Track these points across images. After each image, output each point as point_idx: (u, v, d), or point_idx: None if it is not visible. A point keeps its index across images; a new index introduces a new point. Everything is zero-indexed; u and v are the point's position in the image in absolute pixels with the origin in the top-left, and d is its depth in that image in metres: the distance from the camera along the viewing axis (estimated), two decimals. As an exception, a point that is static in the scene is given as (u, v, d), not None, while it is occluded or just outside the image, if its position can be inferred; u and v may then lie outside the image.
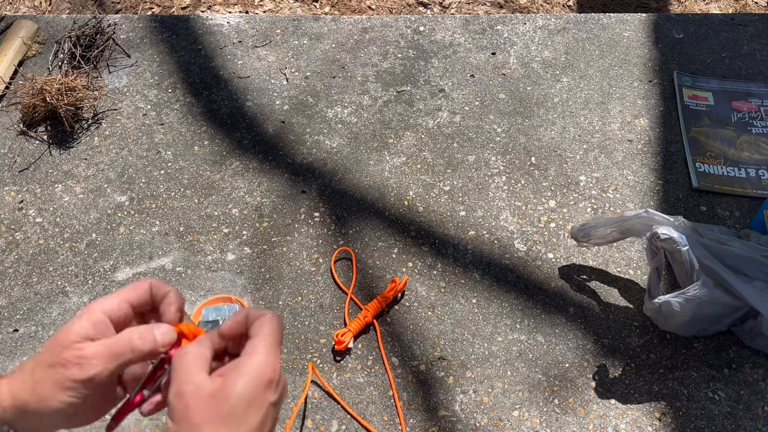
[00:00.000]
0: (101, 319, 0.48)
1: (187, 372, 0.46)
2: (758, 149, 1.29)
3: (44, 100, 1.33)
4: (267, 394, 0.45)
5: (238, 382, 0.44)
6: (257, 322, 0.48)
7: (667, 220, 1.03)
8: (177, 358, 0.47)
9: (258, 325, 0.48)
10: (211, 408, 0.44)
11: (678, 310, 0.96)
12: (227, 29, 1.54)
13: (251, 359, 0.46)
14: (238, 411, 0.44)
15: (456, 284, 1.14)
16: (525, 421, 0.99)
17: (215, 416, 0.43)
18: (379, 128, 1.35)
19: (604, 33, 1.52)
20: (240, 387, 0.44)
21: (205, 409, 0.44)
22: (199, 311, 1.08)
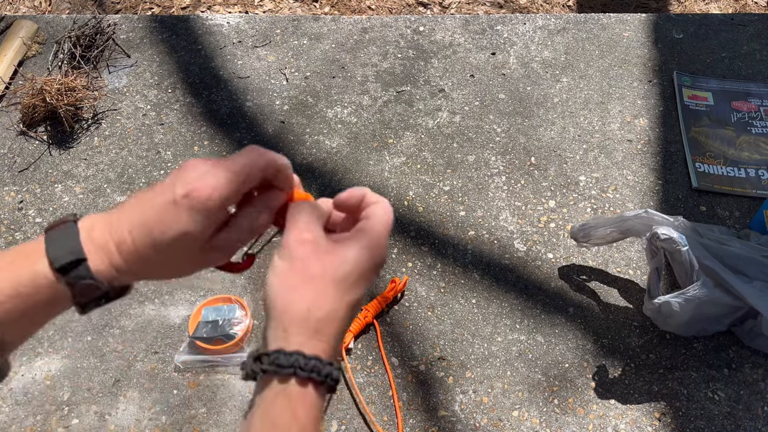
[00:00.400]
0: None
1: (307, 222, 0.46)
2: (758, 149, 1.29)
3: (44, 100, 1.33)
4: (374, 273, 0.46)
5: (357, 252, 0.45)
6: (373, 207, 0.48)
7: (667, 220, 1.03)
8: (296, 208, 0.48)
9: (373, 209, 0.48)
10: (328, 265, 0.44)
11: (678, 310, 0.96)
12: (227, 29, 1.54)
13: (368, 235, 0.46)
14: (351, 279, 0.45)
15: (456, 284, 1.14)
16: (525, 421, 0.99)
17: (330, 275, 0.44)
18: (379, 128, 1.35)
19: (604, 33, 1.52)
20: (356, 257, 0.45)
21: (323, 264, 0.44)
22: (199, 311, 1.08)
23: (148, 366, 1.06)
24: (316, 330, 0.44)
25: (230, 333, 1.05)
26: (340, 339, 0.46)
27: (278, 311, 0.45)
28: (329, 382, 0.44)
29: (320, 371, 0.43)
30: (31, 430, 1.00)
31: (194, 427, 0.99)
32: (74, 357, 1.07)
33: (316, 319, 0.44)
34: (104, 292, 0.44)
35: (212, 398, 1.02)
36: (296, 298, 0.44)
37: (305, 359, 0.43)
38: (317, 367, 0.43)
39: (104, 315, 1.11)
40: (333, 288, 0.44)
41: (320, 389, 0.44)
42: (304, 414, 0.43)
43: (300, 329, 0.44)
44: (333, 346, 0.45)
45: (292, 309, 0.44)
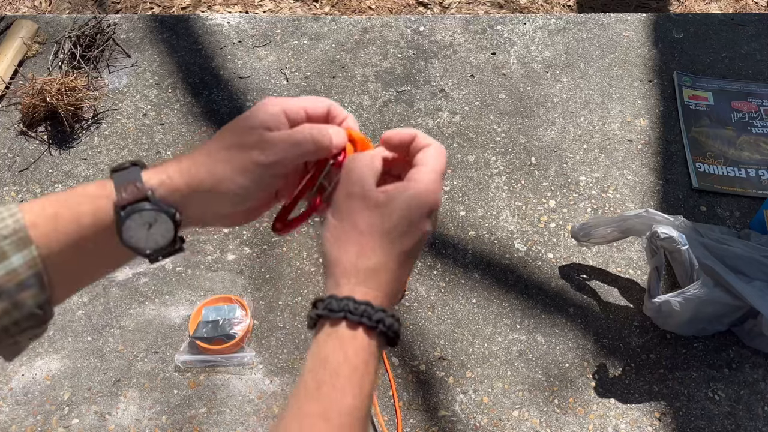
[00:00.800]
0: (278, 113, 0.48)
1: (359, 176, 0.47)
2: (758, 149, 1.29)
3: (44, 100, 1.33)
4: (426, 221, 0.47)
5: (404, 202, 0.46)
6: (424, 151, 0.49)
7: (667, 220, 1.03)
8: (350, 161, 0.48)
9: (423, 155, 0.49)
10: (376, 218, 0.46)
11: (678, 309, 0.97)
12: (227, 29, 1.54)
13: (417, 184, 0.47)
14: (399, 229, 0.46)
15: (456, 284, 1.14)
16: (525, 421, 0.99)
17: (377, 227, 0.46)
18: (379, 128, 1.35)
19: (604, 33, 1.52)
20: (404, 207, 0.46)
21: (370, 218, 0.46)
22: (199, 311, 1.08)
23: (148, 366, 1.06)
24: (366, 279, 0.45)
25: (230, 333, 1.05)
26: (394, 290, 0.47)
27: (330, 264, 0.46)
28: (382, 328, 0.44)
29: (371, 316, 0.44)
30: (32, 429, 1.00)
31: (194, 427, 0.99)
32: (74, 357, 1.07)
33: (365, 269, 0.45)
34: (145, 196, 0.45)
35: (212, 398, 1.02)
36: (345, 250, 0.45)
37: (355, 304, 0.44)
38: (367, 311, 0.44)
39: (105, 315, 1.11)
40: (380, 239, 0.45)
41: (372, 335, 0.44)
42: (354, 355, 0.43)
43: (350, 278, 0.45)
44: (387, 294, 0.46)
45: (342, 260, 0.46)
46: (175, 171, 0.46)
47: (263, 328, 1.09)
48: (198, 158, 0.47)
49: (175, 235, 0.46)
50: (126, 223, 0.44)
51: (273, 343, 1.07)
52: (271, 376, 1.04)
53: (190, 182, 0.46)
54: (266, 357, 1.06)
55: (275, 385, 1.03)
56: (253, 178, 0.46)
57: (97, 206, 0.45)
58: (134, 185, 0.45)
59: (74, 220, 0.44)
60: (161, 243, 0.46)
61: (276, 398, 1.02)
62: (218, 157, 0.46)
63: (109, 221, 0.45)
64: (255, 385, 1.03)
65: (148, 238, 0.45)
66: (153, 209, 0.45)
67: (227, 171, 0.46)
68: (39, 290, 0.44)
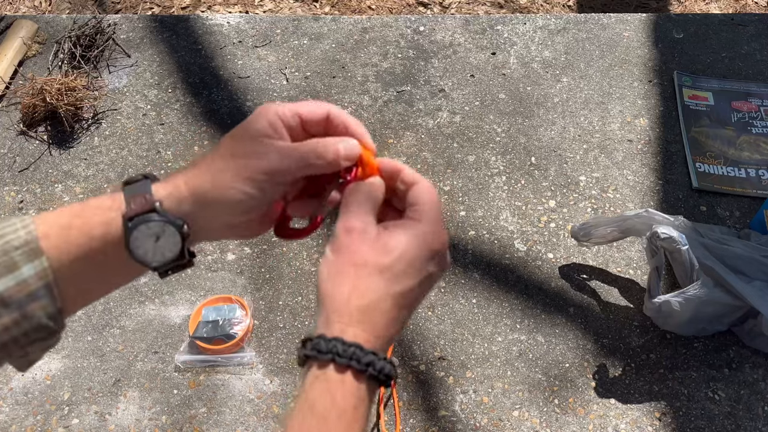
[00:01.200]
0: (275, 120, 0.47)
1: (359, 209, 0.46)
2: (758, 149, 1.29)
3: (44, 100, 1.33)
4: (428, 263, 0.45)
5: (404, 240, 0.45)
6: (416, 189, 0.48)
7: (667, 220, 1.03)
8: (350, 193, 0.47)
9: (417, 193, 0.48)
10: (373, 255, 0.44)
11: (678, 309, 0.97)
12: (227, 29, 1.54)
13: (418, 224, 0.46)
14: (398, 268, 0.44)
15: (456, 284, 1.14)
16: (525, 421, 0.99)
17: (373, 264, 0.44)
18: (379, 128, 1.35)
19: (604, 33, 1.52)
20: (404, 245, 0.45)
21: (367, 253, 0.44)
22: (199, 311, 1.08)
23: (148, 366, 1.06)
24: (359, 319, 0.43)
25: (230, 333, 1.05)
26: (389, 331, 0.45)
27: (323, 299, 0.45)
28: (372, 372, 0.43)
29: (360, 359, 0.42)
30: (32, 429, 1.00)
31: (194, 427, 0.99)
32: (74, 357, 1.07)
33: (357, 308, 0.44)
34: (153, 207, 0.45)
35: (212, 398, 1.02)
36: (338, 286, 0.44)
37: (344, 346, 0.42)
38: (356, 354, 0.42)
39: (105, 315, 1.11)
40: (377, 277, 0.44)
41: (362, 378, 0.43)
42: (342, 400, 0.42)
43: (342, 317, 0.44)
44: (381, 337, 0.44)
45: (335, 296, 0.44)
46: (181, 182, 0.46)
47: (263, 328, 1.09)
48: (201, 168, 0.46)
49: (182, 247, 0.46)
50: (133, 234, 0.44)
51: (273, 343, 1.07)
52: (271, 376, 1.04)
53: (195, 193, 0.46)
54: (266, 357, 1.06)
55: (275, 385, 1.03)
56: (256, 186, 0.46)
57: (108, 218, 0.45)
58: (143, 197, 0.45)
59: (86, 231, 0.44)
60: (168, 256, 0.46)
61: (276, 398, 1.02)
62: (221, 167, 0.46)
63: (118, 233, 0.45)
64: (255, 385, 1.03)
65: (155, 250, 0.45)
66: (160, 220, 0.45)
67: (230, 180, 0.45)
68: (49, 301, 0.44)
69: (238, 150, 0.46)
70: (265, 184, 0.46)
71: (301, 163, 0.47)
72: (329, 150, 0.47)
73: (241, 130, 0.47)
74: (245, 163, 0.45)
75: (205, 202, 0.46)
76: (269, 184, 0.46)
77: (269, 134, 0.47)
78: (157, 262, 0.46)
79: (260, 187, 0.46)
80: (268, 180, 0.46)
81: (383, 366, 0.43)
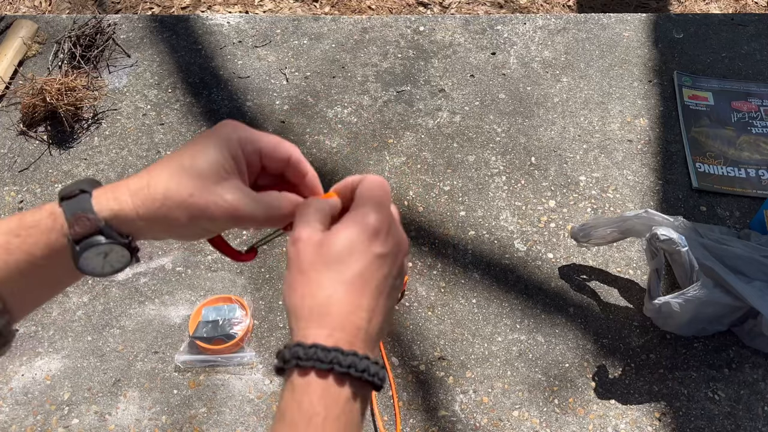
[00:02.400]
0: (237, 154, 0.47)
1: (304, 222, 0.47)
2: (758, 149, 1.29)
3: (44, 100, 1.33)
4: (372, 244, 0.45)
5: (342, 230, 0.45)
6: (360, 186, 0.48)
7: (667, 221, 1.03)
8: (298, 210, 0.48)
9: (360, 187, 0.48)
10: (317, 254, 0.45)
11: (678, 310, 0.97)
12: (227, 29, 1.54)
13: (354, 212, 0.46)
14: (342, 256, 0.44)
15: (456, 284, 1.14)
16: (525, 421, 0.99)
17: (320, 261, 0.44)
18: (379, 128, 1.35)
19: (604, 33, 1.52)
20: (342, 233, 0.45)
21: (312, 256, 0.45)
22: (199, 311, 1.08)
23: (148, 366, 1.06)
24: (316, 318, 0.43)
25: (230, 333, 1.05)
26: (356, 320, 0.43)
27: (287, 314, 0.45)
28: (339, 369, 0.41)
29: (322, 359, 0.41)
30: (31, 429, 1.00)
31: (194, 427, 0.99)
32: (74, 357, 1.07)
33: (310, 308, 0.43)
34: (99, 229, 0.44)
35: (212, 398, 1.02)
36: (293, 297, 0.44)
37: (304, 349, 0.42)
38: (316, 354, 0.41)
39: (105, 315, 1.11)
40: (325, 272, 0.44)
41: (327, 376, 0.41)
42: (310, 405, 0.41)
43: (299, 322, 0.44)
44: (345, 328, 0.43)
45: (291, 305, 0.44)
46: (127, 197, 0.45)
47: (263, 328, 1.09)
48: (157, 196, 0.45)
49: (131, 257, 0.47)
50: (83, 255, 0.45)
51: (273, 343, 1.07)
52: (271, 376, 1.04)
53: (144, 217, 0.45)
54: (266, 357, 1.06)
55: (275, 385, 1.03)
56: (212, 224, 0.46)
57: (50, 240, 0.45)
58: (86, 218, 0.44)
59: (25, 250, 0.44)
60: (117, 267, 0.47)
61: (276, 398, 1.02)
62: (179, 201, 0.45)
63: (63, 251, 0.45)
64: (255, 385, 1.03)
65: (104, 264, 0.46)
66: (108, 242, 0.44)
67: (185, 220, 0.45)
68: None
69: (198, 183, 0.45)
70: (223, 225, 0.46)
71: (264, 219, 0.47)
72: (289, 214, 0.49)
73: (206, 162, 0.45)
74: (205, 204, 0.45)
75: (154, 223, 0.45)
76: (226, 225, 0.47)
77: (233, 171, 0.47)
78: (105, 274, 0.47)
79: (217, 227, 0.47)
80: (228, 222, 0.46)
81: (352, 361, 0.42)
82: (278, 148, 0.50)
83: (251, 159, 0.49)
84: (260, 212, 0.47)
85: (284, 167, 0.51)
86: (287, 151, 0.50)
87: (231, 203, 0.45)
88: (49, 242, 0.45)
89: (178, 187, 0.45)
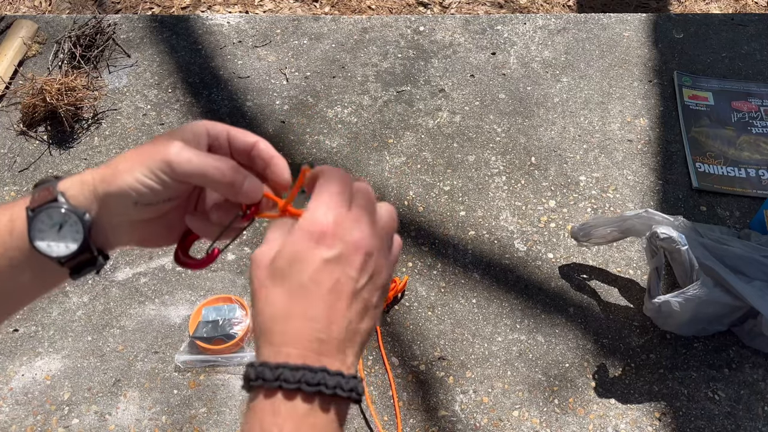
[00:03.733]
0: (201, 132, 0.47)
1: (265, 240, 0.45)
2: (758, 149, 1.29)
3: (44, 100, 1.33)
4: (317, 248, 0.42)
5: (287, 239, 0.43)
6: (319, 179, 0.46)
7: (667, 220, 1.03)
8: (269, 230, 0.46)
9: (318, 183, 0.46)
10: (265, 269, 0.43)
11: (678, 309, 0.96)
12: (227, 29, 1.54)
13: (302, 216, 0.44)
14: (284, 267, 0.42)
15: (456, 284, 1.14)
16: (525, 421, 0.99)
17: (266, 276, 0.43)
18: (379, 128, 1.35)
19: (604, 33, 1.52)
20: (287, 245, 0.43)
21: (263, 272, 0.43)
22: (199, 311, 1.08)
23: (148, 366, 1.06)
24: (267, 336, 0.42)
25: (230, 333, 1.05)
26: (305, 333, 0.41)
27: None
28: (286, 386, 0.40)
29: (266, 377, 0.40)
30: (32, 429, 1.00)
31: (194, 427, 0.99)
32: (74, 357, 1.07)
33: (260, 324, 0.43)
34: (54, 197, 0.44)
35: (212, 398, 1.02)
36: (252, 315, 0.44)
37: (254, 369, 0.41)
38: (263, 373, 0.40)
39: (105, 315, 1.11)
40: (272, 288, 0.42)
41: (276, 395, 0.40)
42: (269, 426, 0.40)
43: (257, 342, 0.43)
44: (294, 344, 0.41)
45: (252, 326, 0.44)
46: (88, 175, 0.46)
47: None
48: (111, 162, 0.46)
49: (85, 238, 0.45)
50: (34, 222, 0.44)
51: (273, 343, 1.07)
52: (271, 376, 1.04)
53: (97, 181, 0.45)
54: (266, 357, 1.06)
55: (275, 385, 1.03)
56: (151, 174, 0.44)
57: (12, 212, 0.46)
58: (47, 189, 0.45)
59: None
60: (72, 247, 0.45)
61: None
62: (126, 157, 0.45)
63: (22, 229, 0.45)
64: (255, 385, 1.03)
65: (58, 240, 0.45)
66: (61, 207, 0.44)
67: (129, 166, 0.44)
68: None
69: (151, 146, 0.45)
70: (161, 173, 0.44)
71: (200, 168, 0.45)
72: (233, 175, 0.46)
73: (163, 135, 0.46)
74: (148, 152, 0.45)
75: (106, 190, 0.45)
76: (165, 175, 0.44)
77: (187, 140, 0.46)
78: (60, 253, 0.45)
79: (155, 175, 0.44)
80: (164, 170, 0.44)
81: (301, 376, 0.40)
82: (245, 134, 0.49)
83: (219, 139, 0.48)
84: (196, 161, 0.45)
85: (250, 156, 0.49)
86: (254, 137, 0.49)
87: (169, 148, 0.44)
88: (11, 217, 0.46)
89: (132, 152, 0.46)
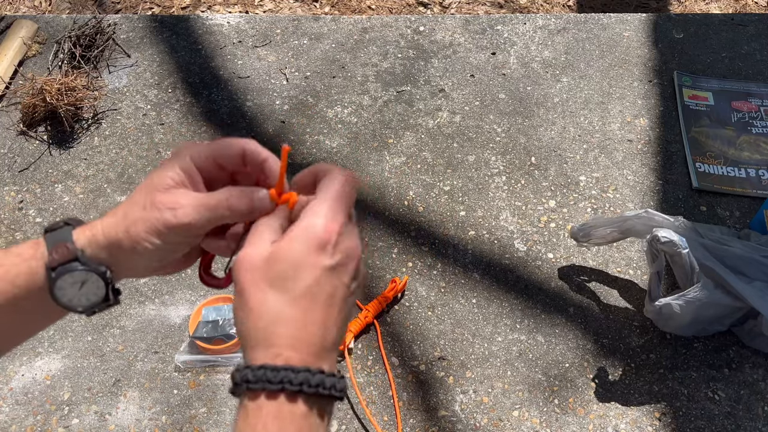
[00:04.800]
0: (189, 168, 0.47)
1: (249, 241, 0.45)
2: (758, 149, 1.29)
3: (44, 100, 1.33)
4: (319, 256, 0.43)
5: (287, 245, 0.43)
6: (324, 180, 0.46)
7: (667, 221, 1.03)
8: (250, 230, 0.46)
9: (322, 184, 0.46)
10: (260, 272, 0.43)
11: (678, 312, 0.97)
12: (227, 29, 1.54)
13: (304, 221, 0.44)
14: (287, 273, 0.42)
15: (456, 284, 1.14)
16: (525, 421, 0.99)
17: (262, 279, 0.43)
18: (379, 128, 1.35)
19: (604, 33, 1.52)
20: (288, 249, 0.43)
21: (253, 274, 0.43)
22: (198, 311, 1.08)
23: (148, 366, 1.06)
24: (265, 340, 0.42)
25: (230, 333, 1.05)
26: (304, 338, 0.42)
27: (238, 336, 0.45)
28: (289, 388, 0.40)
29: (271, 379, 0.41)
30: (32, 429, 1.00)
31: (194, 427, 1.00)
32: (74, 357, 1.07)
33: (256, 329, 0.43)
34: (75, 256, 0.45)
35: (212, 398, 1.02)
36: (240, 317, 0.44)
37: (252, 371, 0.41)
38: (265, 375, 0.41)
39: (105, 315, 1.11)
40: (270, 291, 0.43)
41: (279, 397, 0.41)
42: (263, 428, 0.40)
43: (249, 344, 0.43)
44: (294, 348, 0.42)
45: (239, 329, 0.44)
46: (99, 230, 0.47)
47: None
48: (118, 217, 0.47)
49: (107, 291, 0.47)
50: (57, 283, 0.45)
51: (273, 343, 1.07)
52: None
53: (111, 243, 0.46)
54: (266, 357, 1.06)
55: (275, 385, 1.03)
56: (166, 239, 0.46)
57: (31, 268, 0.46)
58: (65, 246, 0.46)
59: (9, 280, 0.45)
60: (93, 300, 0.47)
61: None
62: (135, 218, 0.46)
63: (42, 282, 0.46)
64: (255, 385, 1.03)
65: (80, 296, 0.46)
66: (83, 269, 0.45)
67: (143, 233, 0.45)
68: None
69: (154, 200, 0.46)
70: (176, 237, 0.46)
71: (212, 217, 0.46)
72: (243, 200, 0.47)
73: (156, 177, 0.47)
74: (158, 217, 0.45)
75: (121, 251, 0.46)
76: (181, 237, 0.46)
77: (183, 182, 0.47)
78: (82, 307, 0.47)
79: (171, 240, 0.46)
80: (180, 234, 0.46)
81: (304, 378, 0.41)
82: (230, 146, 0.48)
83: (205, 167, 0.48)
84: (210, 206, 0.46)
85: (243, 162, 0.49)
86: (239, 146, 0.48)
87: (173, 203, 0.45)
88: (31, 271, 0.46)
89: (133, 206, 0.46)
